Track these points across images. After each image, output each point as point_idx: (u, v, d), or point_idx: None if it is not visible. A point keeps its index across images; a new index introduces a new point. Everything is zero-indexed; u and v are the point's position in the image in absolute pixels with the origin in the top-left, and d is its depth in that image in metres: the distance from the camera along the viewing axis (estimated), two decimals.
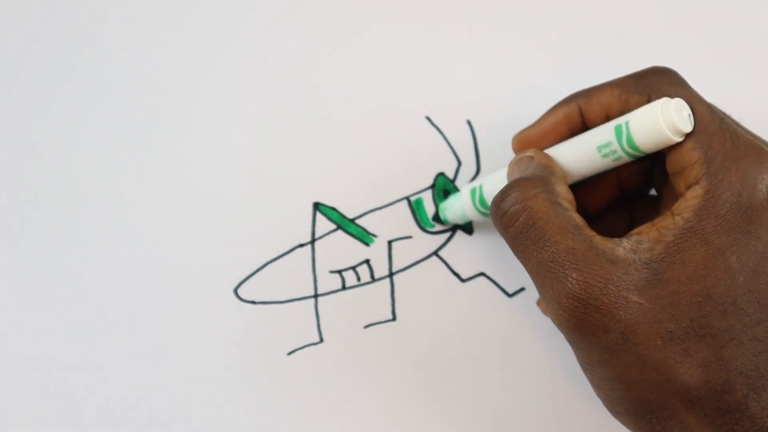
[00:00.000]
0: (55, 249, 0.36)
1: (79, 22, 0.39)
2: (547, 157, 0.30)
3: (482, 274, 0.37)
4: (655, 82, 0.29)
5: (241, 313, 0.36)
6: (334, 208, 0.37)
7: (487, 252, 0.37)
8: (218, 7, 0.39)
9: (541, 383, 0.36)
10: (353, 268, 0.37)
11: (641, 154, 0.28)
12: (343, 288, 0.36)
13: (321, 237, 0.36)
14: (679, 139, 0.27)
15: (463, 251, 0.37)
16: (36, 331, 0.35)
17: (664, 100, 0.27)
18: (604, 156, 0.29)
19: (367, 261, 0.36)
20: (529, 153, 0.31)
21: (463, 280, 0.37)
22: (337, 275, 0.36)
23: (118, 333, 0.35)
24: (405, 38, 0.39)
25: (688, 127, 0.27)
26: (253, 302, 0.36)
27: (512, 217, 0.28)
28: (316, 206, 0.37)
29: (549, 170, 0.29)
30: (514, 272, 0.37)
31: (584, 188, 0.33)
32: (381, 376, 0.36)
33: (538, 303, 0.36)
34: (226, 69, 0.38)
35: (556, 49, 0.39)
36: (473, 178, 0.37)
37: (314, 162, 0.37)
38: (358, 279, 0.36)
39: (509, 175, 0.31)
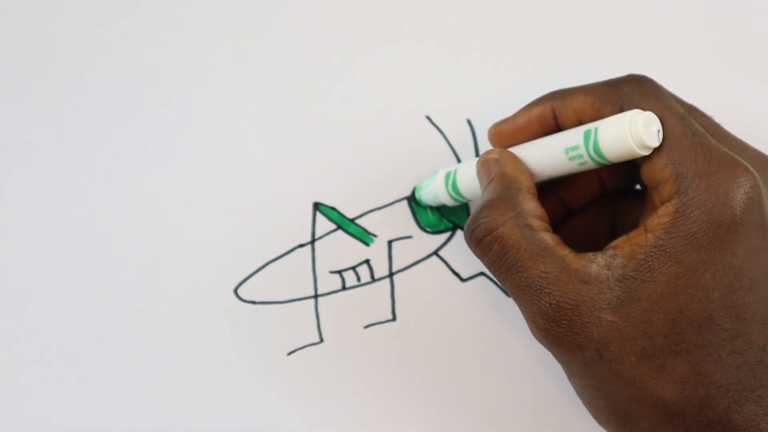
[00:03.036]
0: (55, 249, 0.36)
1: (81, 24, 0.39)
2: (514, 163, 0.30)
3: (482, 273, 0.37)
4: (628, 93, 0.29)
5: (241, 313, 0.36)
6: (334, 208, 0.37)
7: None
8: (219, 8, 0.39)
9: (540, 383, 0.36)
10: (353, 268, 0.37)
11: (607, 163, 0.28)
12: (343, 288, 0.36)
13: (321, 237, 0.36)
14: (645, 153, 0.27)
15: (463, 251, 0.37)
16: (36, 331, 0.35)
17: (634, 112, 0.27)
18: (571, 159, 0.29)
19: (367, 261, 0.36)
20: (494, 155, 0.31)
21: (463, 280, 0.37)
22: (337, 275, 0.36)
23: (118, 333, 0.35)
24: (405, 38, 0.39)
25: (654, 142, 0.27)
26: (253, 302, 0.36)
27: (485, 247, 0.28)
28: (316, 206, 0.37)
29: (515, 185, 0.29)
30: None
31: (565, 185, 0.34)
32: (381, 376, 0.36)
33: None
34: (227, 69, 0.38)
35: (557, 49, 0.39)
36: None
37: (314, 162, 0.37)
38: (358, 279, 0.36)
39: (478, 174, 0.31)
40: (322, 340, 0.36)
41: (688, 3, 0.40)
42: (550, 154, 0.30)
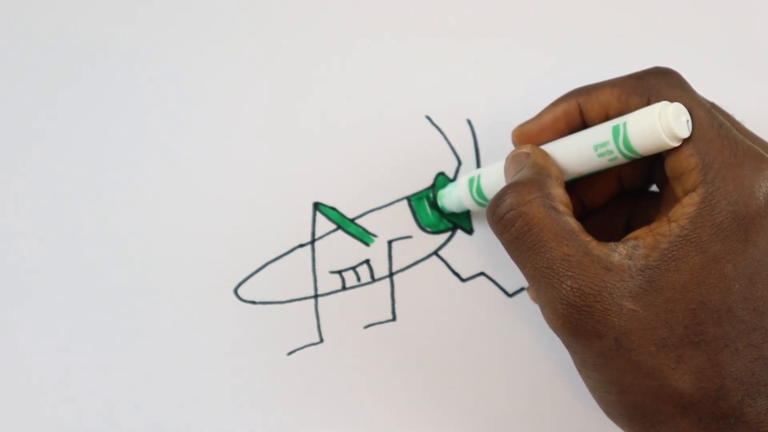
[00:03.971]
0: (55, 249, 0.36)
1: (82, 25, 0.39)
2: (544, 155, 0.30)
3: (482, 273, 0.37)
4: (654, 85, 0.29)
5: (241, 313, 0.36)
6: (334, 208, 0.37)
7: (487, 252, 0.37)
8: (220, 8, 0.39)
9: (540, 383, 0.36)
10: (353, 268, 0.37)
11: (637, 156, 0.28)
12: (343, 288, 0.36)
13: (321, 237, 0.36)
14: (676, 144, 0.27)
15: (463, 251, 0.37)
16: (36, 331, 0.35)
17: (663, 104, 0.27)
18: (600, 155, 0.29)
19: (367, 261, 0.36)
20: (526, 149, 0.31)
21: (463, 280, 0.37)
22: (337, 275, 0.36)
23: (119, 333, 0.35)
24: (405, 38, 0.39)
25: (685, 133, 0.27)
26: (253, 302, 0.36)
27: (508, 222, 0.28)
28: (316, 206, 0.37)
29: (545, 172, 0.29)
30: (514, 272, 0.37)
31: (583, 183, 0.33)
32: (381, 376, 0.36)
33: (528, 289, 0.36)
34: (227, 69, 0.38)
35: (557, 49, 0.39)
36: None
37: (314, 162, 0.37)
38: (358, 279, 0.37)
39: (506, 170, 0.31)
40: (322, 340, 0.36)
41: (690, 4, 0.40)
42: (578, 152, 0.30)
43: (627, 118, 0.28)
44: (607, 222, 0.34)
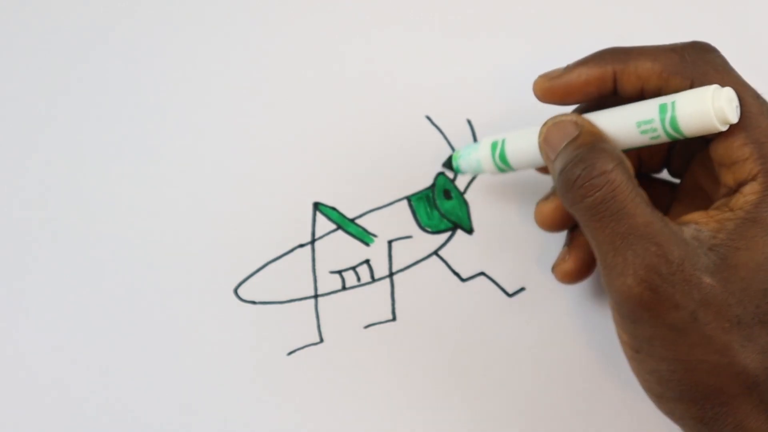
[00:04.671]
0: (55, 249, 0.36)
1: (81, 26, 0.39)
2: (595, 127, 0.29)
3: (482, 273, 0.37)
4: (700, 67, 0.28)
5: (241, 313, 0.36)
6: (334, 208, 0.37)
7: (487, 252, 0.37)
8: (219, 8, 0.39)
9: (540, 383, 0.36)
10: (353, 268, 0.37)
11: (681, 137, 0.28)
12: (343, 288, 0.36)
13: (321, 237, 0.36)
14: (724, 129, 0.27)
15: (463, 251, 0.37)
16: (36, 331, 0.35)
17: (715, 87, 0.27)
18: (643, 132, 0.28)
19: (367, 261, 0.36)
20: (572, 118, 0.30)
21: (463, 280, 0.37)
22: (337, 275, 0.36)
23: (119, 333, 0.35)
24: (405, 38, 0.39)
25: (735, 118, 0.27)
26: (253, 302, 0.36)
27: (591, 188, 0.27)
28: (316, 206, 0.37)
29: (609, 141, 0.29)
30: (514, 272, 0.37)
31: None
32: (381, 376, 0.36)
33: (554, 269, 0.34)
34: (227, 69, 0.38)
35: (556, 49, 0.39)
36: (472, 179, 0.37)
37: (314, 162, 0.37)
38: (358, 279, 0.36)
39: (546, 136, 0.30)
40: (322, 340, 0.36)
41: (689, 4, 0.40)
42: (620, 126, 0.29)
43: (675, 97, 0.27)
44: None
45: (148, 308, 0.36)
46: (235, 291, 0.36)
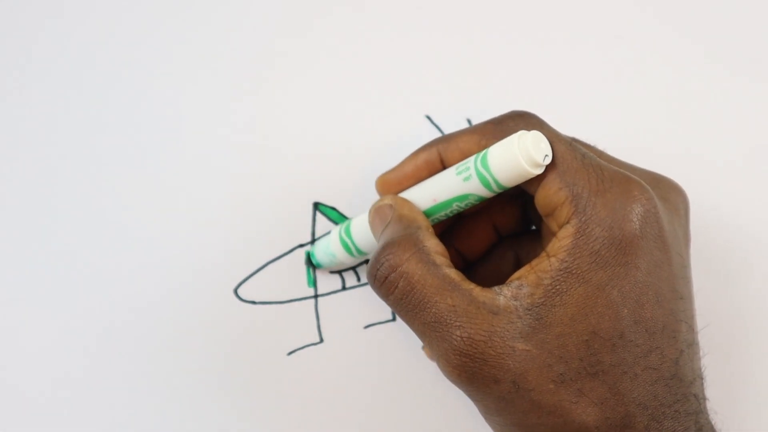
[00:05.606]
0: (55, 250, 0.36)
1: (82, 25, 0.39)
2: (408, 206, 0.30)
3: None
4: (513, 127, 0.29)
5: (241, 313, 0.36)
6: (334, 208, 0.37)
7: None
8: (218, 7, 0.39)
9: None
10: (353, 268, 0.37)
11: (499, 187, 0.28)
12: (343, 288, 0.36)
13: (321, 237, 0.36)
14: (538, 172, 0.27)
15: None
16: (36, 332, 0.35)
17: (521, 132, 0.27)
18: (466, 180, 0.28)
19: (367, 261, 0.36)
20: (388, 201, 0.31)
21: None
22: (337, 275, 0.36)
23: (118, 333, 0.35)
24: (405, 38, 0.39)
25: (541, 159, 0.27)
26: (253, 302, 0.36)
27: (390, 285, 0.28)
28: (316, 206, 0.37)
29: (414, 224, 0.29)
30: None
31: (460, 237, 0.33)
32: (381, 376, 0.36)
33: (423, 348, 0.35)
34: (226, 68, 0.38)
35: (556, 49, 0.39)
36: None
37: (314, 162, 0.37)
38: (358, 279, 0.37)
39: (371, 223, 0.31)
40: (322, 340, 0.36)
41: (688, 3, 0.40)
42: (440, 180, 0.30)
43: (487, 149, 0.28)
44: (495, 269, 0.34)
45: (149, 308, 0.36)
46: (235, 291, 0.36)
